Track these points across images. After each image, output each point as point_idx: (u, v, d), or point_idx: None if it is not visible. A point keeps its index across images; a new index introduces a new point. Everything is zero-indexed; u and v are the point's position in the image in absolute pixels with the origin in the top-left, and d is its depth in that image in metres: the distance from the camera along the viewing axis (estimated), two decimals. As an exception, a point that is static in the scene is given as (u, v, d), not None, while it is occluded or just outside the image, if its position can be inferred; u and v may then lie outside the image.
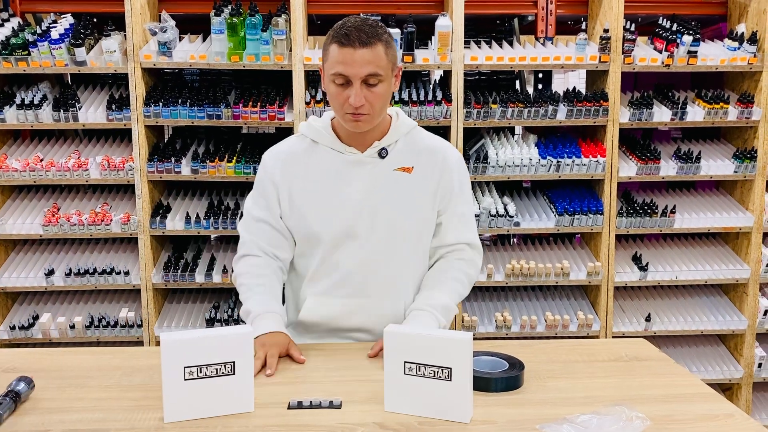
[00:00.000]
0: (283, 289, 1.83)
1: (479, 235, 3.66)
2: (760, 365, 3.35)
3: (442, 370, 1.28)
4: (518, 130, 3.77)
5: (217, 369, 1.29)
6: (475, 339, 1.34)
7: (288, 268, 1.82)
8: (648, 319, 3.28)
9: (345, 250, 1.71)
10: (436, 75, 3.82)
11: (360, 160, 1.72)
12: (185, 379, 1.27)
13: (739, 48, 3.17)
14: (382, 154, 1.73)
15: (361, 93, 1.59)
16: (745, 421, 1.29)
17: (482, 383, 1.41)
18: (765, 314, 3.32)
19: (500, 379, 1.43)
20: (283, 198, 1.74)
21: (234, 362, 1.30)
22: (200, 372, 1.28)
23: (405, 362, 1.30)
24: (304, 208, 1.72)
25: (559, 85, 5.11)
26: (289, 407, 1.34)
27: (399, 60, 3.04)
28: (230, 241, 3.48)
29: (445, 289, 1.76)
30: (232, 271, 1.84)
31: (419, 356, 1.29)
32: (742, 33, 3.21)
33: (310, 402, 1.35)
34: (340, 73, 1.59)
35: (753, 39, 3.15)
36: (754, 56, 3.15)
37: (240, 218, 2.25)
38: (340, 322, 1.75)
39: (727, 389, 3.45)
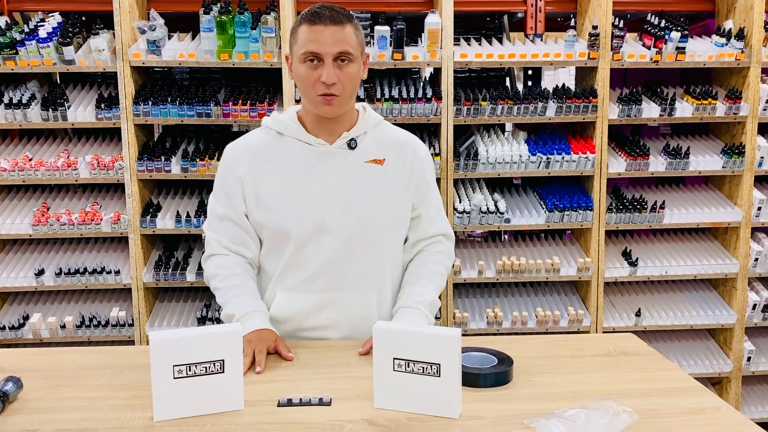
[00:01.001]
0: None
1: (471, 231, 3.69)
2: (749, 359, 3.38)
3: (431, 366, 1.29)
4: (508, 127, 3.78)
5: (206, 367, 1.29)
6: (466, 335, 1.35)
7: (256, 264, 1.78)
8: (638, 314, 3.30)
9: (316, 245, 1.68)
10: (426, 72, 3.83)
11: (330, 152, 1.69)
12: (174, 378, 1.28)
13: (726, 44, 3.19)
14: (352, 145, 1.70)
15: (333, 71, 1.59)
16: (731, 414, 1.30)
17: (471, 379, 1.42)
18: (754, 308, 3.34)
19: (489, 375, 1.43)
20: (248, 194, 1.70)
21: (223, 360, 1.30)
22: (189, 370, 1.28)
23: (394, 359, 1.31)
24: (272, 203, 1.68)
25: (549, 81, 5.12)
26: (279, 405, 1.34)
27: (388, 56, 3.04)
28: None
29: (429, 284, 1.76)
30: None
31: (408, 353, 1.30)
32: (730, 29, 3.23)
33: (300, 399, 1.35)
34: (312, 51, 1.59)
35: (740, 35, 3.17)
36: (742, 52, 3.17)
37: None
38: (311, 318, 1.72)
39: (716, 383, 3.48)
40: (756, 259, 3.31)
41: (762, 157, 3.27)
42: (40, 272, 3.11)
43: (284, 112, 1.77)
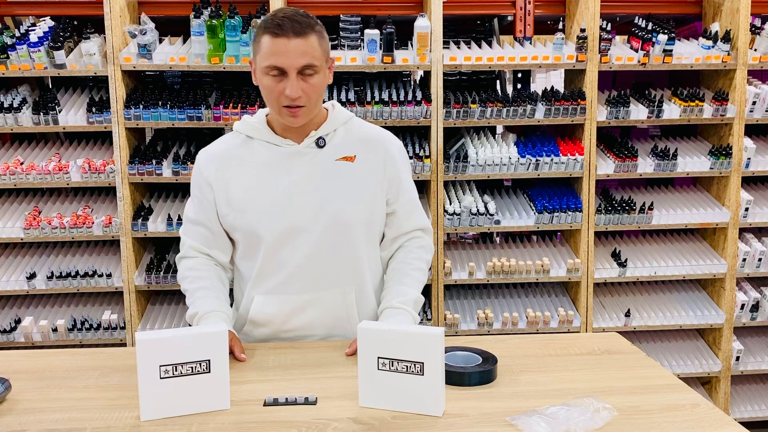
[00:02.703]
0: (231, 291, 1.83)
1: (463, 233, 3.70)
2: (737, 358, 3.40)
3: (415, 365, 1.30)
4: (498, 129, 3.81)
5: (192, 367, 1.31)
6: (457, 336, 1.36)
7: (228, 267, 1.81)
8: (627, 314, 3.33)
9: (289, 246, 1.68)
10: (417, 75, 3.85)
11: (298, 152, 1.69)
12: (161, 378, 1.29)
13: (713, 46, 3.23)
14: (320, 143, 1.70)
15: (297, 84, 1.58)
16: (710, 411, 1.32)
17: (456, 377, 1.43)
18: (742, 308, 3.37)
19: (473, 374, 1.45)
20: (219, 198, 1.70)
21: (209, 360, 1.32)
22: (176, 370, 1.30)
23: (378, 358, 1.33)
24: (242, 206, 1.68)
25: (541, 84, 5.16)
26: (265, 404, 1.36)
27: (378, 60, 3.06)
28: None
29: (412, 282, 1.77)
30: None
31: (392, 352, 1.32)
32: (716, 32, 3.27)
33: (286, 399, 1.37)
34: (275, 65, 1.57)
35: (727, 37, 3.20)
36: (728, 54, 3.21)
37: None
38: (291, 320, 1.72)
39: (706, 383, 3.50)
40: (744, 260, 3.34)
41: (749, 158, 3.30)
42: (32, 276, 3.12)
43: (254, 116, 1.77)
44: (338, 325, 1.74)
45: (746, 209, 3.32)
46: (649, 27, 3.23)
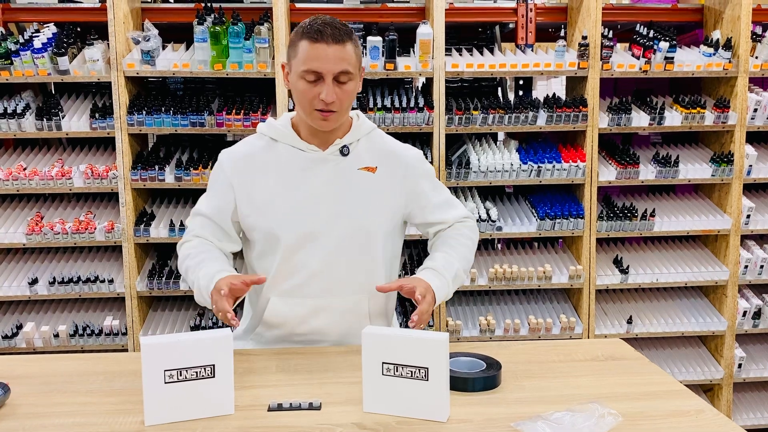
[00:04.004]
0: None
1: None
2: (740, 366, 3.40)
3: (419, 370, 1.30)
4: (500, 135, 3.82)
5: (197, 372, 1.31)
6: (459, 342, 1.36)
7: (230, 256, 1.81)
8: (630, 321, 3.32)
9: (307, 250, 1.69)
10: (419, 82, 3.86)
11: (322, 158, 1.71)
12: (165, 383, 1.29)
13: (714, 54, 3.24)
14: (344, 151, 1.72)
15: (332, 89, 1.60)
16: (715, 417, 1.32)
17: (460, 383, 1.43)
18: (744, 315, 3.37)
19: (478, 379, 1.45)
20: (240, 199, 1.72)
21: (214, 365, 1.32)
22: (180, 375, 1.30)
23: (383, 363, 1.33)
24: (264, 207, 1.70)
25: (542, 91, 5.17)
26: (269, 409, 1.36)
27: (381, 67, 3.08)
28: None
29: (455, 253, 1.78)
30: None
31: (397, 357, 1.32)
32: (718, 39, 3.28)
33: (290, 404, 1.37)
34: (313, 70, 1.59)
35: (728, 45, 3.21)
36: (729, 62, 3.22)
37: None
38: (304, 323, 1.74)
39: (708, 390, 3.50)
40: (746, 267, 3.34)
41: (750, 166, 3.31)
42: (34, 281, 3.12)
43: (279, 119, 1.79)
44: (351, 332, 1.74)
45: (748, 216, 3.33)
46: (651, 34, 3.24)
